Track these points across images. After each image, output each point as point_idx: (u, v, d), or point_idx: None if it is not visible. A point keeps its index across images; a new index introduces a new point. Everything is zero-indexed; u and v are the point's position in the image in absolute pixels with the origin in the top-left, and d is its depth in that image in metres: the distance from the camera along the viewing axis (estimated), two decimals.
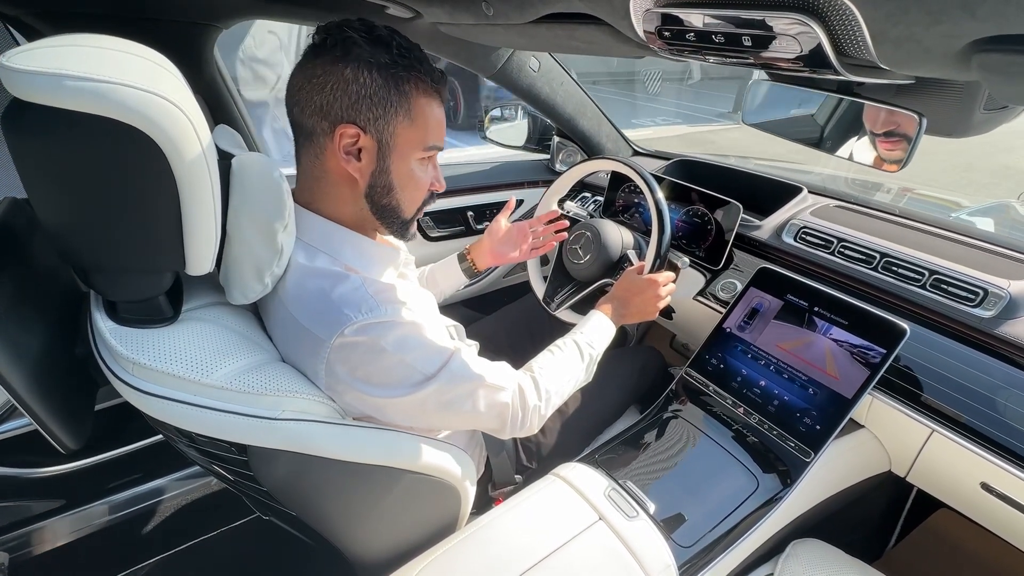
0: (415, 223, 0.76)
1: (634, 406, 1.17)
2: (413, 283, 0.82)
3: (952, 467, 0.81)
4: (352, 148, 0.65)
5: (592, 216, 1.24)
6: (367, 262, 0.70)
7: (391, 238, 0.84)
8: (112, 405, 1.00)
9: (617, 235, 1.16)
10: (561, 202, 1.49)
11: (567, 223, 1.12)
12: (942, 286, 0.89)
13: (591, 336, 0.90)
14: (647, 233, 1.23)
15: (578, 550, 0.71)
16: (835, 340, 0.90)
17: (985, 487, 0.77)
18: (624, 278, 1.01)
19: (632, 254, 1.13)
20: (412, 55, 0.64)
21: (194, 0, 0.98)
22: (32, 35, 0.91)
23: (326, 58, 0.62)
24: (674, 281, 1.03)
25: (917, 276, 0.92)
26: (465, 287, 1.45)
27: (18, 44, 0.93)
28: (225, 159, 0.58)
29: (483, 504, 0.88)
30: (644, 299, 0.97)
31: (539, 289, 1.26)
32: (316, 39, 0.64)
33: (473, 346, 1.02)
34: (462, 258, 1.09)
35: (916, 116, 0.60)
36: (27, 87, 0.41)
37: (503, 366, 0.76)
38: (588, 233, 1.16)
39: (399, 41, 0.64)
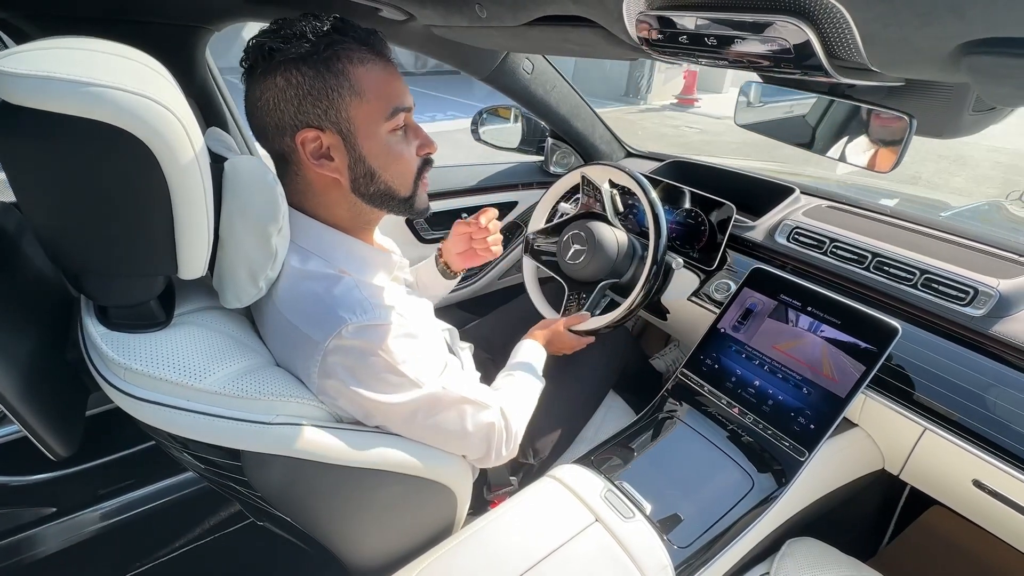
0: (420, 196, 0.72)
1: (629, 407, 1.17)
2: (407, 287, 0.82)
3: (944, 465, 0.82)
4: (320, 151, 0.63)
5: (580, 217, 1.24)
6: (360, 265, 0.70)
7: (384, 241, 0.84)
8: (103, 411, 0.99)
9: (611, 233, 1.16)
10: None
11: (494, 232, 1.04)
12: (933, 285, 0.89)
13: (538, 367, 0.96)
14: (640, 234, 1.24)
15: (575, 552, 0.71)
16: (828, 339, 0.90)
17: (977, 484, 0.78)
18: (543, 325, 1.08)
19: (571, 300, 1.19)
20: (333, 30, 0.61)
21: (185, 3, 0.97)
22: (20, 38, 0.90)
23: (256, 78, 0.61)
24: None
25: (908, 275, 0.93)
26: (455, 290, 1.44)
27: (6, 47, 0.92)
28: (218, 162, 0.57)
29: (479, 507, 0.88)
30: (560, 344, 1.08)
31: (548, 314, 1.23)
32: (244, 65, 0.62)
33: (467, 349, 1.02)
34: (436, 259, 1.07)
35: (907, 117, 0.60)
36: (16, 90, 0.41)
37: (487, 388, 0.79)
38: (582, 232, 1.16)
39: (313, 24, 0.60)
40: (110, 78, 0.43)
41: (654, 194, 1.07)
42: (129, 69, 0.46)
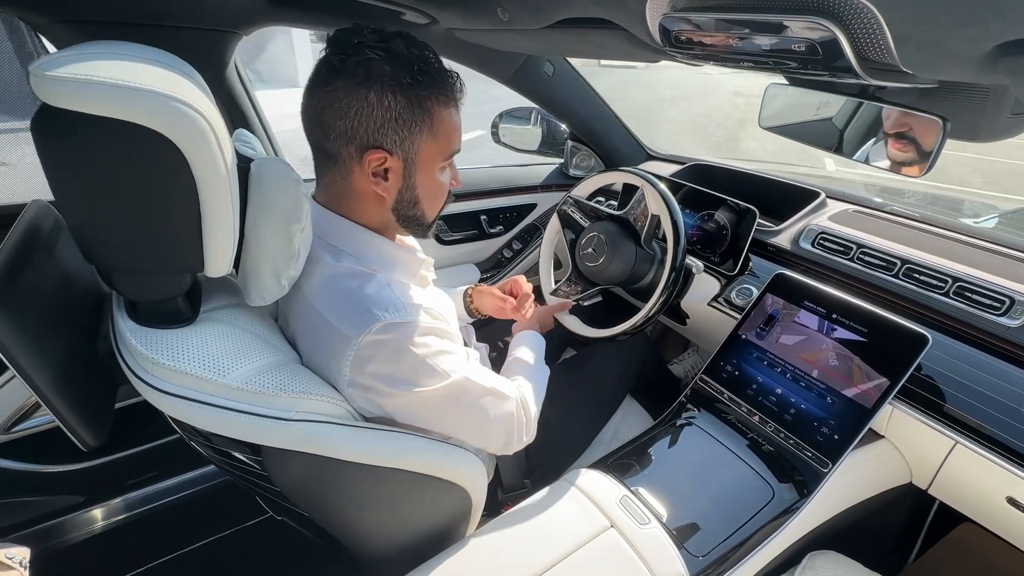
0: (435, 223, 0.78)
1: (646, 412, 1.15)
2: (431, 286, 0.83)
3: (976, 480, 0.79)
4: (380, 170, 0.66)
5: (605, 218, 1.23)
6: (389, 264, 0.72)
7: (408, 238, 0.85)
8: (131, 404, 1.02)
9: (628, 236, 1.15)
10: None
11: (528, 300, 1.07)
12: (966, 294, 0.86)
13: (540, 352, 0.98)
14: (661, 239, 1.22)
15: (588, 556, 0.70)
16: (854, 348, 0.88)
17: (1011, 501, 0.75)
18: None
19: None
20: (431, 68, 0.64)
21: (214, 8, 1.00)
22: (60, 42, 0.94)
23: (347, 81, 0.61)
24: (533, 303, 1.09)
25: (940, 283, 0.90)
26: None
27: (48, 52, 0.96)
28: (244, 163, 0.59)
29: (493, 509, 0.88)
30: (545, 324, 1.09)
31: (573, 326, 1.20)
32: (334, 60, 0.61)
33: (482, 348, 1.03)
34: (466, 298, 1.07)
35: (940, 120, 0.58)
36: (55, 93, 0.42)
37: (506, 380, 0.81)
38: (600, 235, 1.15)
39: (417, 54, 0.63)
40: (143, 82, 0.44)
41: (670, 195, 1.05)
42: (161, 73, 0.47)
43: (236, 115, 1.20)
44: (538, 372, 0.92)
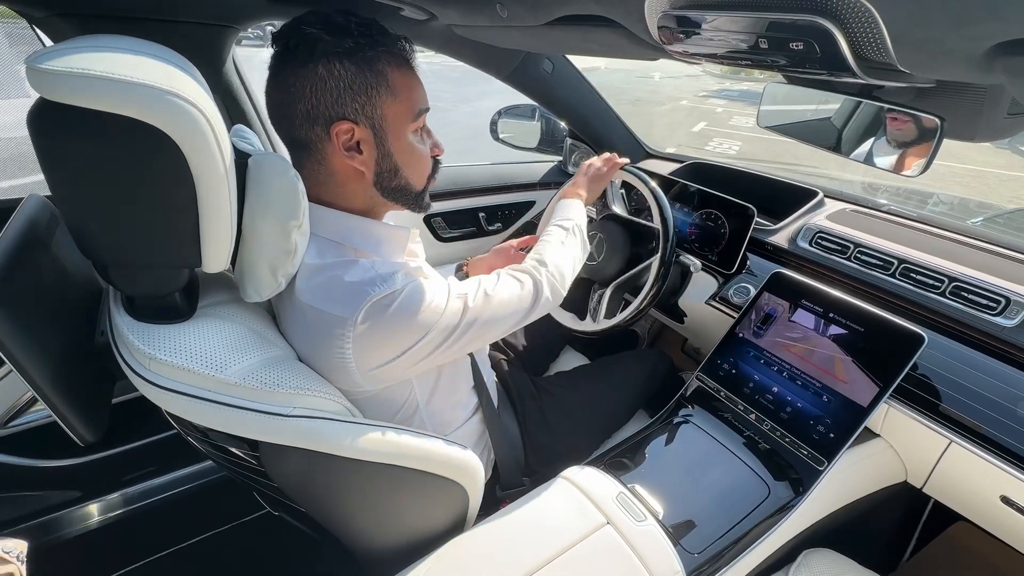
0: (427, 193, 0.77)
1: (643, 410, 1.16)
2: (422, 261, 0.83)
3: (971, 479, 0.79)
4: (351, 143, 0.66)
5: (596, 218, 1.24)
6: (375, 244, 0.72)
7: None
8: (128, 399, 1.02)
9: (624, 229, 1.16)
10: None
11: None
12: (962, 293, 0.87)
13: (567, 214, 0.96)
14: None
15: (584, 553, 0.70)
16: (850, 347, 0.88)
17: (1005, 500, 0.75)
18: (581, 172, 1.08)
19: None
20: (373, 31, 0.64)
21: (213, 3, 0.99)
22: (58, 36, 0.93)
23: (294, 64, 0.62)
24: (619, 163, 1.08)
25: (936, 283, 0.90)
26: None
27: (44, 45, 0.95)
28: (241, 159, 0.59)
29: (490, 506, 0.88)
30: (592, 176, 1.06)
31: (567, 321, 1.19)
32: (277, 47, 0.63)
33: (484, 349, 1.03)
34: (459, 269, 1.09)
35: (937, 120, 0.59)
36: (52, 87, 0.42)
37: (487, 276, 0.80)
38: (599, 235, 1.16)
39: (356, 21, 0.63)
40: (141, 75, 0.44)
41: (659, 190, 1.07)
42: (159, 67, 0.47)
43: (234, 110, 1.20)
44: (565, 240, 0.89)
